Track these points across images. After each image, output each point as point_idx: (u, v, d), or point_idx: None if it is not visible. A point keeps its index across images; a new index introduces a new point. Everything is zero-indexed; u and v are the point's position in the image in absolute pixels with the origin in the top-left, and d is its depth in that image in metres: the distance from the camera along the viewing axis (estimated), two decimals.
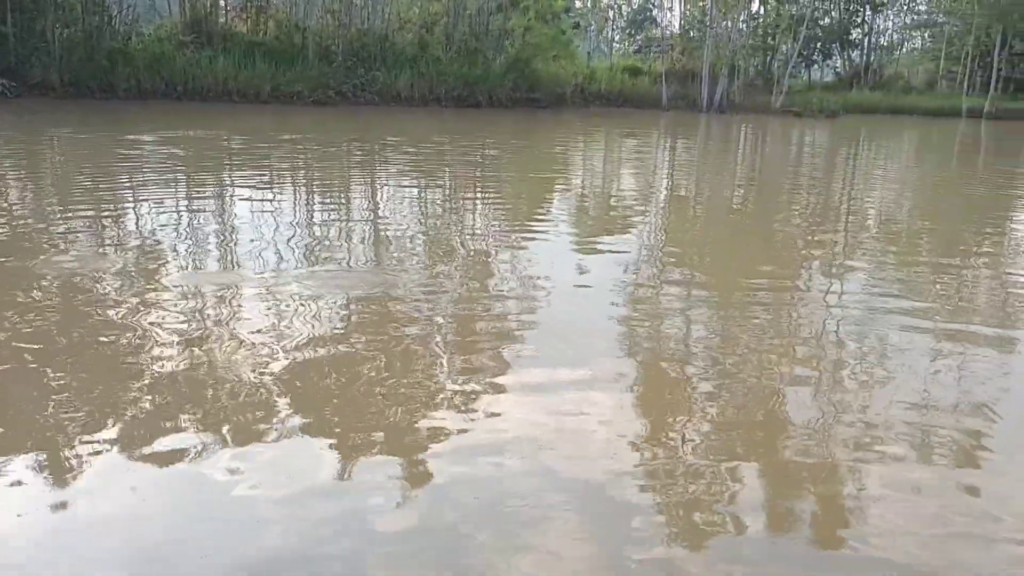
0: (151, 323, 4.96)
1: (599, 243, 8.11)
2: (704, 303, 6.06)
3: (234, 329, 4.92)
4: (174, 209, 9.06)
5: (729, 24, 38.50)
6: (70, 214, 8.49)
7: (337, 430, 3.66)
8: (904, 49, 54.94)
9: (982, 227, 10.52)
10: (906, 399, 4.22)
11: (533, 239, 8.11)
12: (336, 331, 4.95)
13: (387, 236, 8.03)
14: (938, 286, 6.94)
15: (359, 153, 16.29)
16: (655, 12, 47.78)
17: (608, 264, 7.13)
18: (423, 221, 9.10)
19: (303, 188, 11.30)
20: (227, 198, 10.16)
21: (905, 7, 52.62)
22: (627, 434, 3.71)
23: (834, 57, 51.86)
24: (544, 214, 10.05)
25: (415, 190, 11.45)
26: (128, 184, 10.72)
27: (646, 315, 5.68)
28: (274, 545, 2.83)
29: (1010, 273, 7.64)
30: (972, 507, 3.25)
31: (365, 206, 10.03)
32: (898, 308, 6.00)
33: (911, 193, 14.22)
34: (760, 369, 4.63)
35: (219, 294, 5.64)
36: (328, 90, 28.57)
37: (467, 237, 8.29)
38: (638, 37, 50.36)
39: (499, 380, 4.29)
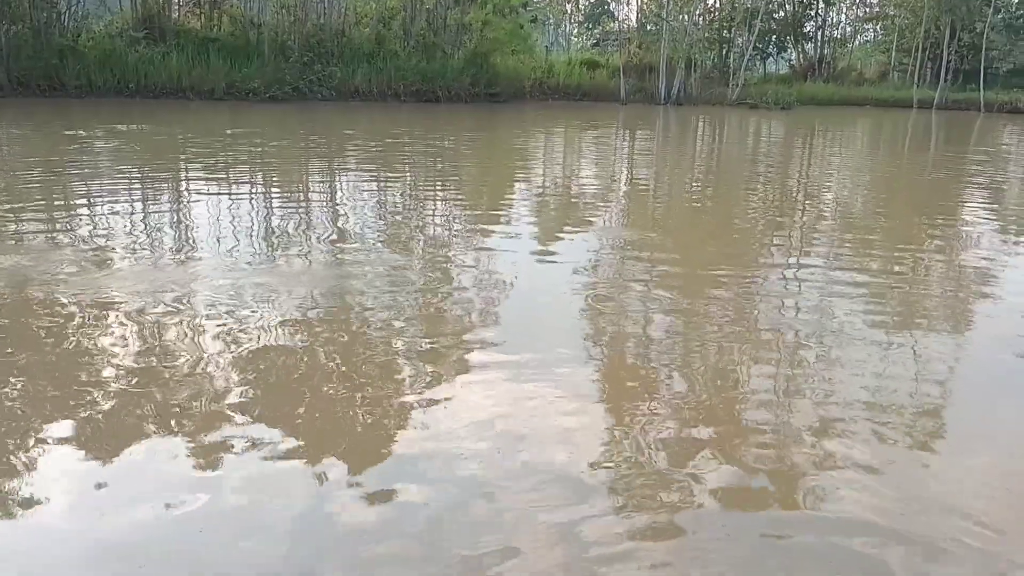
0: (103, 320, 4.87)
1: (561, 235, 8.13)
2: (665, 292, 6.10)
3: (191, 323, 4.85)
4: (128, 206, 8.90)
5: (685, 18, 38.74)
6: (19, 211, 8.30)
7: (298, 423, 3.62)
8: (857, 42, 55.68)
9: (933, 214, 10.73)
10: (861, 384, 4.30)
11: (494, 231, 8.10)
12: (295, 325, 4.91)
13: (346, 230, 7.97)
14: (893, 274, 7.05)
15: (317, 148, 16.14)
16: (612, 6, 47.85)
17: (570, 255, 7.15)
18: (383, 215, 9.05)
19: (260, 184, 11.16)
20: (182, 194, 10.01)
21: (857, 0, 53.38)
22: (589, 422, 3.73)
23: (788, 50, 52.40)
24: (505, 207, 10.05)
25: (374, 184, 11.38)
26: (80, 181, 10.50)
27: (608, 305, 5.71)
28: (234, 542, 2.79)
29: (962, 260, 7.80)
30: (926, 482, 3.32)
31: (324, 201, 9.94)
32: (854, 296, 6.11)
33: (865, 182, 14.44)
34: (720, 356, 4.68)
35: (174, 290, 5.55)
36: (284, 86, 28.22)
37: (428, 230, 8.26)
38: (596, 31, 50.39)
39: (462, 370, 4.30)
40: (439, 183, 12.01)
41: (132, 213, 8.51)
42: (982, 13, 40.20)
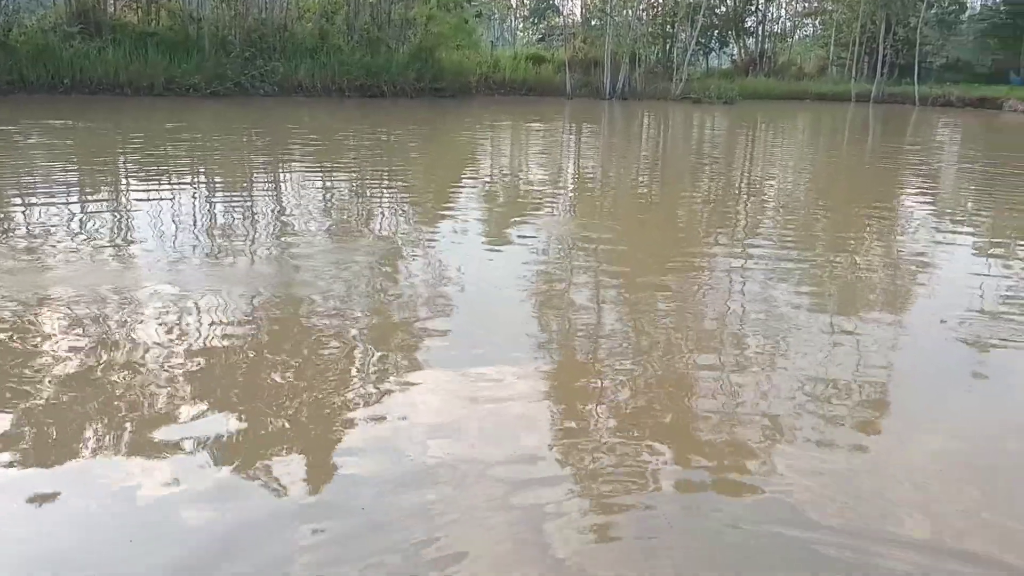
0: (42, 323, 4.73)
1: (508, 229, 8.12)
2: (613, 282, 6.14)
3: (132, 326, 4.74)
4: (64, 204, 8.65)
5: (629, 13, 39.03)
6: None
7: (245, 424, 3.56)
8: (796, 37, 56.73)
9: (872, 203, 10.98)
10: (804, 370, 4.37)
11: (442, 226, 8.07)
12: (240, 325, 4.82)
13: (291, 225, 7.86)
14: (834, 261, 7.20)
15: (260, 144, 15.88)
16: (557, 1, 48.08)
17: (518, 248, 7.16)
18: (329, 210, 8.95)
19: (202, 180, 10.96)
20: (121, 192, 9.77)
21: None
22: (539, 414, 3.73)
23: (730, 45, 53.19)
24: (453, 202, 10.01)
25: (320, 180, 11.24)
26: (12, 177, 10.18)
27: (557, 296, 5.73)
28: (181, 544, 2.73)
29: (900, 249, 7.99)
30: (867, 465, 3.40)
31: (268, 198, 9.79)
32: (797, 283, 6.22)
33: (807, 173, 14.72)
34: (668, 347, 4.72)
35: (112, 289, 5.41)
36: (226, 81, 27.69)
37: (375, 224, 8.19)
38: (541, 26, 50.55)
39: (411, 366, 4.27)
40: (386, 178, 11.91)
41: (68, 211, 8.27)
42: (916, 8, 41.25)
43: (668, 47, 45.70)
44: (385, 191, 10.67)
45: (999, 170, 15.75)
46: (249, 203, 9.24)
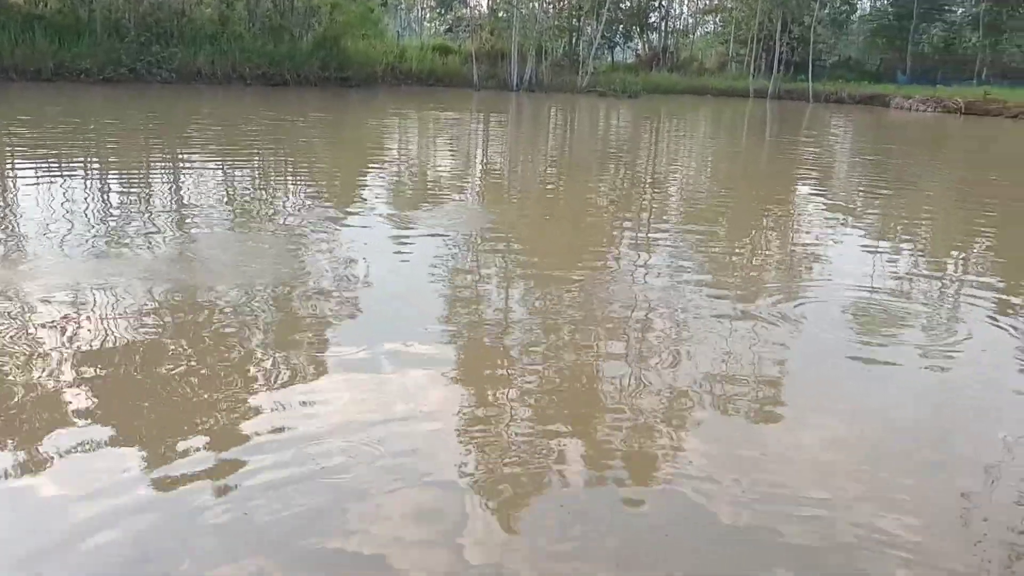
0: None
1: (416, 221, 8.05)
2: (521, 274, 6.18)
3: (21, 321, 4.52)
4: None
5: (535, 6, 39.30)
6: None
7: (146, 423, 3.45)
8: (698, 33, 58.16)
9: (770, 194, 11.36)
10: (706, 360, 4.50)
11: (348, 218, 7.97)
12: (139, 320, 4.65)
13: (190, 217, 7.62)
14: (734, 252, 7.42)
15: (157, 132, 15.32)
16: None
17: (425, 241, 7.11)
18: (229, 202, 8.70)
19: (96, 170, 10.51)
20: (6, 183, 9.29)
21: None
22: (447, 410, 3.73)
23: (634, 40, 54.13)
24: (359, 193, 9.89)
25: (221, 170, 10.91)
26: None
27: (464, 289, 5.74)
28: (83, 549, 2.63)
29: (795, 238, 8.30)
30: (768, 443, 3.53)
31: (166, 188, 9.46)
32: (699, 273, 6.39)
33: (708, 165, 15.12)
34: (576, 339, 4.79)
35: (3, 289, 5.15)
36: (120, 67, 26.66)
37: (278, 217, 8.02)
38: (448, 16, 50.34)
39: (317, 361, 4.20)
40: (290, 168, 11.67)
41: None
42: (810, 8, 42.84)
43: (574, 40, 46.21)
44: (289, 182, 10.46)
45: (888, 162, 16.52)
46: (146, 194, 8.91)
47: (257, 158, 12.49)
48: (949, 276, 6.91)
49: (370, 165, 12.50)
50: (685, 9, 56.52)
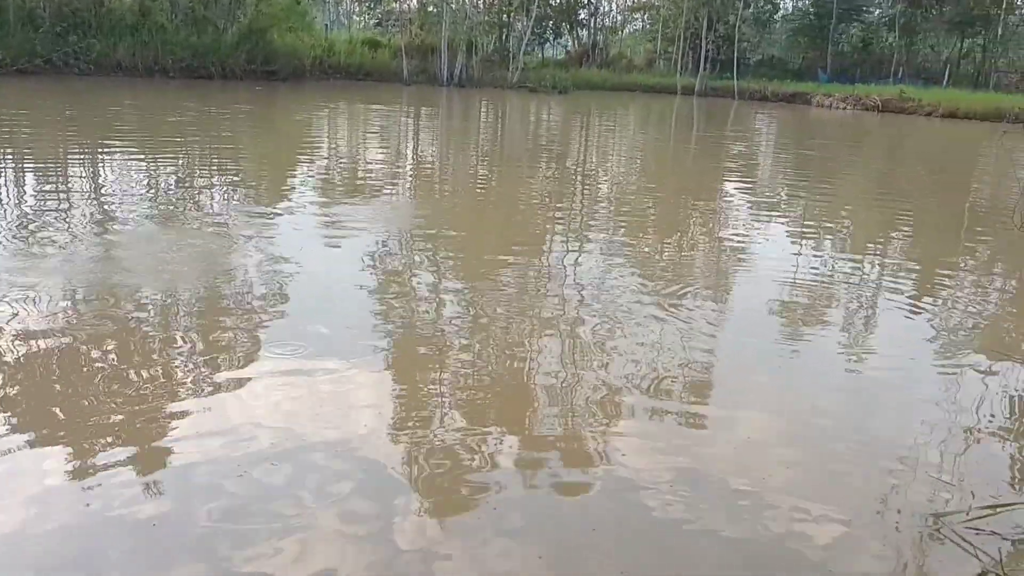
0: None
1: (346, 216, 7.94)
2: (452, 270, 6.16)
3: None
4: None
5: (465, 0, 39.16)
6: None
7: (69, 428, 3.33)
8: (627, 30, 58.81)
9: (697, 189, 11.57)
10: (637, 353, 4.56)
11: (277, 214, 7.83)
12: (54, 322, 4.49)
13: (112, 215, 7.39)
14: (663, 246, 7.53)
15: (75, 126, 14.78)
16: None
17: (356, 237, 7.03)
18: (151, 198, 8.46)
19: (9, 167, 10.09)
20: None
21: None
22: (381, 409, 3.70)
23: (565, 36, 54.40)
24: (288, 188, 9.72)
25: (142, 165, 10.59)
26: None
27: (397, 289, 5.70)
28: (8, 551, 2.54)
29: (722, 231, 8.46)
30: (697, 434, 3.60)
31: (86, 184, 9.15)
32: (629, 268, 6.47)
33: (638, 161, 15.30)
34: (506, 336, 4.79)
35: None
36: (35, 58, 25.64)
37: (202, 215, 7.82)
38: (377, 10, 49.83)
39: (243, 360, 4.12)
40: (215, 163, 11.40)
41: None
42: (734, 7, 43.69)
43: (504, 36, 46.23)
44: (215, 176, 10.20)
45: (811, 157, 16.97)
46: (64, 189, 8.60)
47: (182, 152, 12.16)
48: (868, 268, 7.13)
49: (299, 159, 12.28)
50: (614, 6, 57.08)
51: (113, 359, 4.00)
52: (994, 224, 9.57)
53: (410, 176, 11.44)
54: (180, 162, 11.24)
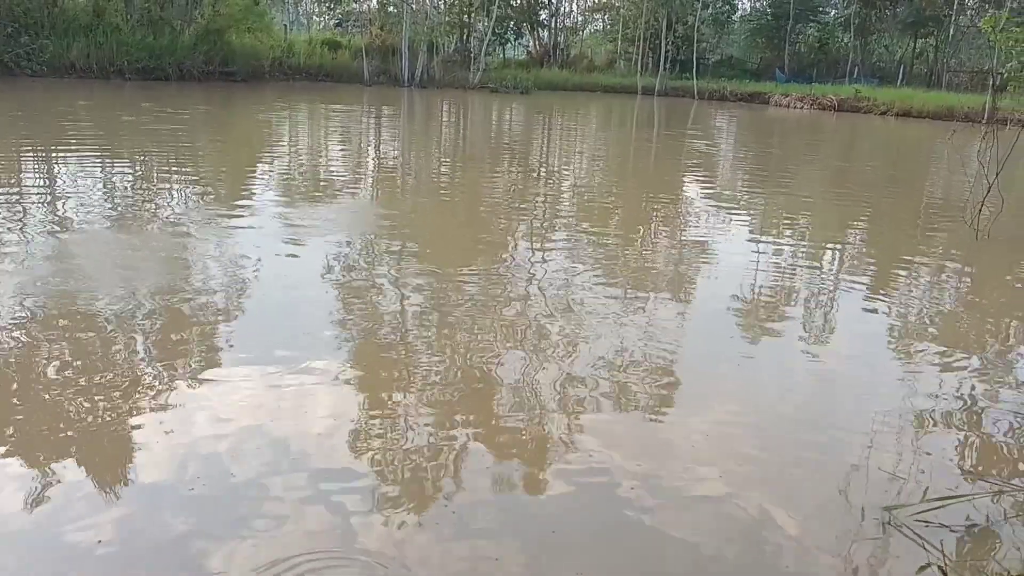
0: None
1: (307, 219, 7.88)
2: (415, 272, 6.15)
3: None
4: None
5: (426, 1, 39.04)
6: None
7: (16, 434, 3.27)
8: (587, 31, 59.01)
9: (658, 188, 11.65)
10: (601, 351, 4.59)
11: (236, 217, 7.74)
12: (9, 330, 4.40)
13: (67, 219, 7.26)
14: (626, 246, 7.58)
15: (27, 129, 14.46)
16: None
17: (318, 241, 6.97)
18: (108, 203, 8.30)
19: None
20: None
21: None
22: (343, 415, 3.67)
23: (526, 36, 54.46)
24: (247, 191, 9.61)
25: (98, 169, 10.40)
26: None
27: (359, 290, 5.67)
28: None
29: (683, 230, 8.53)
30: (657, 432, 3.63)
31: (40, 188, 8.97)
32: (592, 272, 6.50)
33: (600, 161, 15.36)
34: (469, 338, 4.79)
35: None
36: None
37: (161, 219, 7.70)
38: (337, 11, 49.46)
39: (203, 367, 4.08)
40: (173, 166, 11.21)
41: None
42: (693, 7, 44.09)
43: (465, 36, 46.16)
44: (173, 179, 10.05)
45: (770, 154, 17.17)
46: (17, 193, 8.42)
47: (138, 156, 11.96)
48: (826, 264, 7.25)
49: (259, 161, 12.15)
50: (575, 7, 57.26)
51: (69, 366, 3.93)
52: (946, 220, 9.77)
53: (372, 177, 11.38)
54: (137, 163, 11.06)
